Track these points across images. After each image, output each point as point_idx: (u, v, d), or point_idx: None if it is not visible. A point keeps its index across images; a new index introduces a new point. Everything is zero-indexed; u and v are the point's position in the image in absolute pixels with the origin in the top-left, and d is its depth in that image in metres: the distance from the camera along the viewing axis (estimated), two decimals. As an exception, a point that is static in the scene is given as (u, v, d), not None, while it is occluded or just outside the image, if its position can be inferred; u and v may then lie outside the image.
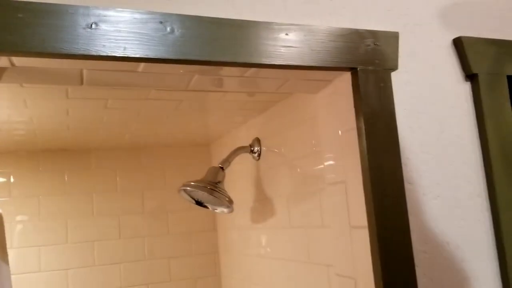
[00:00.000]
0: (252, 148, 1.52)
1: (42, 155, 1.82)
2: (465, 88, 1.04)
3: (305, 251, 1.26)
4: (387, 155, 0.92)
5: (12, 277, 1.65)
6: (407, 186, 0.94)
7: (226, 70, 0.87)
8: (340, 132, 0.99)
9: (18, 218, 1.75)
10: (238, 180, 1.71)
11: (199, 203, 1.48)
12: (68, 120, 1.42)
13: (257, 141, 1.51)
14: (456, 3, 1.05)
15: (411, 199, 0.94)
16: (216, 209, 1.48)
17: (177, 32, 0.79)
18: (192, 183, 1.39)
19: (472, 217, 0.98)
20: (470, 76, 1.04)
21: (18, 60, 0.74)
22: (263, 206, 1.52)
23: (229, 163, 1.45)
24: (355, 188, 0.94)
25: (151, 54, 0.77)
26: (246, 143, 1.56)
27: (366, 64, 0.92)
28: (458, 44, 1.04)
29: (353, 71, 0.93)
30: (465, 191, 0.99)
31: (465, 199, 0.98)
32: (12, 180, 1.78)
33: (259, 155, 1.51)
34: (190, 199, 1.47)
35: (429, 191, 0.96)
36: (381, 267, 0.87)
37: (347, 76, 0.95)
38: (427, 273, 0.91)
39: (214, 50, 0.81)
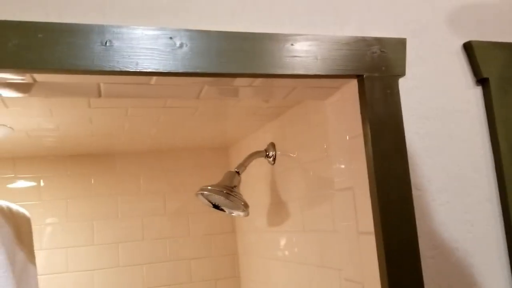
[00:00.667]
0: (268, 153, 1.55)
1: (70, 160, 1.91)
2: (476, 93, 1.04)
3: (318, 255, 1.28)
4: (394, 161, 0.93)
5: (41, 277, 1.74)
6: (415, 192, 0.95)
7: (234, 80, 0.91)
8: (348, 138, 1.01)
9: (47, 220, 1.84)
10: (255, 184, 1.74)
11: (216, 206, 1.52)
12: (92, 127, 1.48)
13: (272, 145, 1.54)
14: (464, 8, 1.05)
15: (419, 205, 0.95)
16: (232, 213, 1.52)
17: (186, 47, 0.83)
18: (209, 187, 1.43)
19: (483, 222, 0.98)
20: (481, 81, 1.04)
21: (39, 77, 0.80)
22: (278, 210, 1.55)
23: (245, 167, 1.49)
24: (362, 194, 0.96)
25: (162, 68, 0.81)
26: (263, 146, 1.60)
27: (372, 71, 0.94)
28: (468, 48, 1.04)
29: (359, 78, 0.95)
30: (475, 196, 0.99)
31: (475, 204, 0.98)
32: (42, 184, 1.86)
33: (274, 159, 1.54)
34: (208, 202, 1.51)
35: (437, 197, 0.96)
36: (387, 273, 0.88)
37: (354, 83, 0.97)
38: (435, 279, 0.92)
39: (222, 63, 0.84)
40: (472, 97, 1.03)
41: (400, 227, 0.91)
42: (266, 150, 1.56)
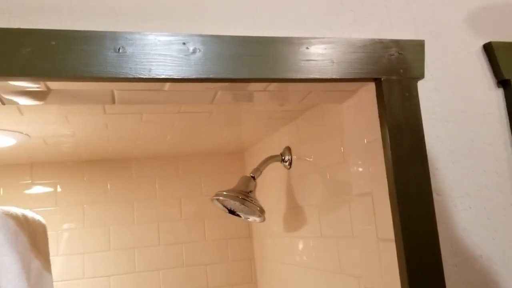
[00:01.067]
0: (283, 157, 1.53)
1: (87, 165, 1.92)
2: (497, 95, 1.00)
3: (336, 261, 1.25)
4: (414, 166, 0.90)
5: (58, 284, 1.75)
6: (436, 197, 0.92)
7: (248, 85, 0.89)
8: (365, 142, 0.99)
9: (64, 226, 1.85)
10: (271, 189, 1.72)
11: (232, 212, 1.50)
12: (107, 133, 1.49)
13: (288, 150, 1.52)
14: (484, 8, 1.02)
15: (440, 211, 0.92)
16: (248, 218, 1.50)
17: (199, 52, 0.81)
18: (224, 193, 1.42)
19: (507, 228, 0.95)
20: (502, 82, 1.01)
21: (52, 84, 0.79)
22: (295, 215, 1.53)
23: (260, 172, 1.47)
24: (381, 199, 0.93)
25: (175, 75, 0.80)
26: (279, 150, 1.58)
27: (390, 74, 0.92)
28: (489, 49, 1.01)
29: (377, 81, 0.92)
30: (498, 201, 0.95)
31: (498, 209, 0.95)
32: (59, 189, 1.88)
33: (290, 163, 1.52)
34: (223, 208, 1.50)
35: (459, 202, 0.93)
36: (408, 281, 0.86)
37: (371, 86, 0.94)
38: (459, 287, 0.89)
39: (236, 68, 0.83)
40: (493, 99, 1.00)
41: (421, 233, 0.88)
42: (281, 155, 1.55)
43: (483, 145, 0.97)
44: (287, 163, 1.54)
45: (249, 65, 0.84)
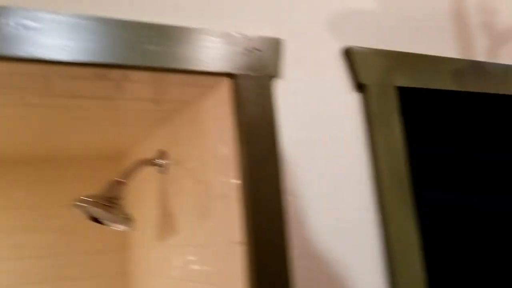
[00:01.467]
0: (156, 161, 1.44)
1: None
2: (355, 99, 1.02)
3: (204, 270, 1.19)
4: (267, 167, 0.87)
5: None
6: (289, 199, 0.89)
7: (85, 71, 0.80)
8: (223, 142, 0.94)
9: None
10: (146, 195, 1.62)
11: (95, 219, 1.37)
12: None
13: (162, 153, 1.44)
14: (345, 13, 1.04)
15: (293, 213, 0.89)
16: (113, 226, 1.38)
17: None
18: (86, 199, 1.29)
19: (360, 231, 0.95)
20: (360, 87, 1.02)
21: None
22: (170, 223, 1.44)
23: (130, 176, 1.36)
24: (236, 202, 0.88)
25: (-12, 51, 0.68)
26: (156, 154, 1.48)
27: (245, 70, 0.88)
28: (348, 54, 1.02)
29: (232, 77, 0.88)
30: (352, 204, 0.95)
31: (352, 213, 0.95)
32: None
33: (164, 168, 1.43)
34: (87, 215, 1.36)
35: (313, 204, 0.92)
36: (257, 285, 0.81)
37: (227, 83, 0.90)
38: (308, 291, 0.86)
39: (66, 49, 0.73)
40: (351, 102, 1.01)
41: (271, 236, 0.84)
42: (154, 158, 1.45)
43: (340, 148, 0.97)
44: (160, 167, 1.45)
45: (81, 48, 0.75)
